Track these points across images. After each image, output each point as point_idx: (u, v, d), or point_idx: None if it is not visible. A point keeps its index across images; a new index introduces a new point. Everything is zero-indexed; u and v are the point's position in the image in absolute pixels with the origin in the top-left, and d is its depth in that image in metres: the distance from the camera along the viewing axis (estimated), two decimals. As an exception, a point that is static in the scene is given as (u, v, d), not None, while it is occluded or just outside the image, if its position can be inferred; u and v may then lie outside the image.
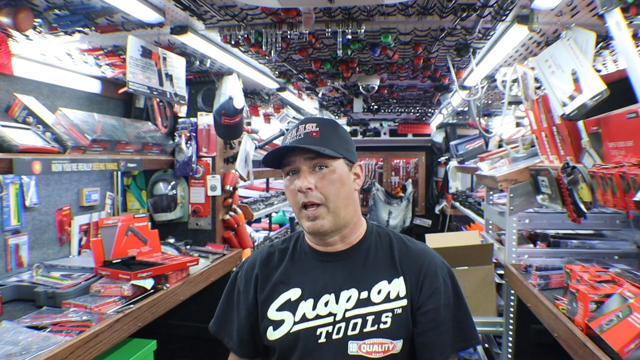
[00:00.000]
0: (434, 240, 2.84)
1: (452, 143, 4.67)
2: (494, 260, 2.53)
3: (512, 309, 2.27)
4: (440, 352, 1.11)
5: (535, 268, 1.91)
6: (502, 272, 2.44)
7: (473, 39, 1.99)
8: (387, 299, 1.11)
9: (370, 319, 1.09)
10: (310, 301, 1.13)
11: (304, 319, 1.12)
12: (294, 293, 1.15)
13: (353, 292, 1.12)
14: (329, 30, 1.81)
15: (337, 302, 1.11)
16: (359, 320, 1.09)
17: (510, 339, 2.29)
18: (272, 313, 1.15)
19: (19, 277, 1.96)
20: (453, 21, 1.75)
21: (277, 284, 1.17)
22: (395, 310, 1.10)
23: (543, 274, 1.87)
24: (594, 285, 1.41)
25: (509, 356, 2.30)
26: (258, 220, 4.44)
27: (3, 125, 1.79)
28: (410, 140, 6.20)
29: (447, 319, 1.12)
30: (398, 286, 1.13)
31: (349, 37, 1.86)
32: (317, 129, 1.13)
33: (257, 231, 4.34)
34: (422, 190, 6.52)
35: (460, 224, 5.21)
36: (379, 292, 1.12)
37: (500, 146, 3.59)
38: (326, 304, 1.12)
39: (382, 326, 1.09)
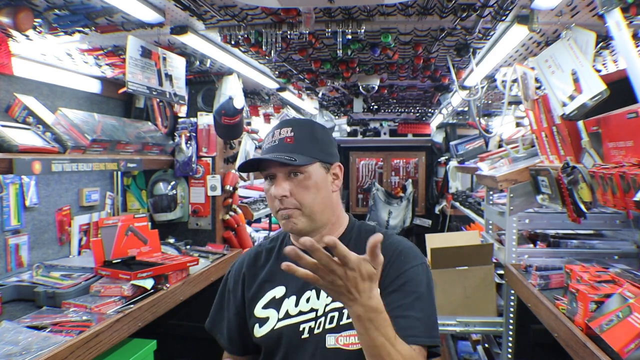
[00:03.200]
0: (434, 240, 2.84)
1: (452, 143, 4.66)
2: (494, 260, 2.53)
3: (512, 309, 2.27)
4: (411, 335, 1.01)
5: (535, 268, 1.91)
6: (502, 272, 2.44)
7: (473, 39, 1.99)
8: None
9: (346, 311, 1.09)
10: (293, 298, 1.15)
11: (287, 315, 1.15)
12: (278, 291, 1.18)
13: None
14: (329, 30, 1.81)
15: (317, 298, 1.14)
16: (336, 314, 1.11)
17: (510, 339, 2.29)
18: (258, 311, 1.18)
19: (19, 277, 1.96)
20: (453, 21, 1.75)
21: (263, 283, 1.21)
22: None
23: (543, 274, 1.87)
24: (594, 285, 1.41)
25: (509, 356, 2.30)
26: (258, 220, 4.44)
27: (3, 125, 1.80)
28: (410, 140, 6.20)
29: (416, 308, 1.06)
30: None
31: (349, 37, 1.86)
32: (292, 134, 1.12)
33: (257, 231, 4.34)
34: (422, 190, 6.52)
35: (460, 224, 5.21)
36: None
37: (500, 146, 3.59)
38: (308, 300, 1.14)
39: None
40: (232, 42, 1.97)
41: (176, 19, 1.76)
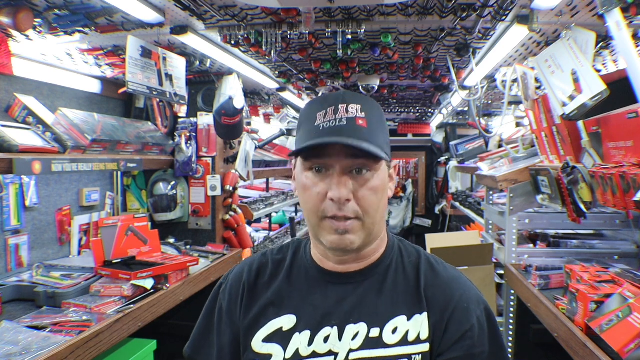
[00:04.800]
0: (434, 240, 2.84)
1: (452, 143, 4.67)
2: (494, 260, 2.53)
3: (512, 309, 2.27)
4: None
5: (535, 268, 1.91)
6: (502, 272, 2.44)
7: (473, 39, 1.99)
8: (404, 341, 0.85)
9: None
10: (307, 333, 0.88)
11: (296, 356, 0.87)
12: (287, 321, 0.90)
13: (361, 327, 0.87)
14: (329, 30, 1.81)
15: (340, 339, 0.87)
16: None
17: (510, 339, 2.29)
18: (257, 344, 0.90)
19: (19, 277, 1.96)
20: (453, 21, 1.75)
21: (267, 306, 0.92)
22: (414, 357, 0.85)
23: (543, 274, 1.87)
24: (594, 285, 1.41)
25: (509, 356, 2.30)
26: (258, 220, 4.44)
27: (3, 125, 1.80)
28: (410, 140, 6.20)
29: None
30: (420, 325, 0.87)
31: (349, 37, 1.86)
32: (364, 114, 0.84)
33: (257, 231, 4.34)
34: (422, 190, 6.52)
35: (460, 224, 5.21)
36: (394, 331, 0.86)
37: (500, 146, 3.60)
38: (326, 340, 0.87)
39: None
40: (232, 42, 1.97)
41: (176, 19, 1.76)
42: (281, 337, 0.89)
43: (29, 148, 1.78)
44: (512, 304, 2.27)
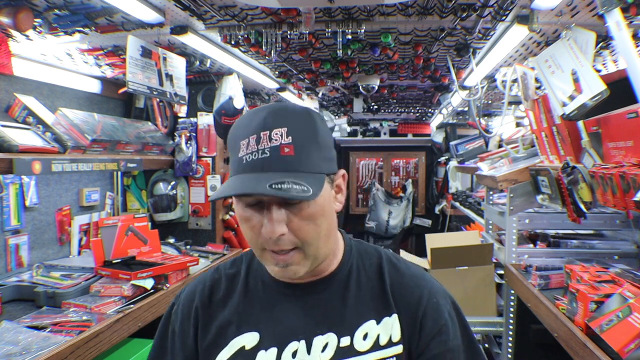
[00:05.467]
0: (434, 240, 2.84)
1: (452, 143, 4.66)
2: (494, 260, 2.53)
3: (512, 309, 2.27)
4: None
5: (535, 268, 1.91)
6: (502, 272, 2.44)
7: (473, 39, 1.99)
8: (376, 346, 0.83)
9: None
10: (273, 351, 0.83)
11: None
12: (249, 339, 0.85)
13: (330, 337, 0.83)
14: (329, 30, 1.81)
15: (308, 352, 0.83)
16: None
17: (510, 339, 2.29)
18: None
19: (19, 277, 1.96)
20: (453, 21, 1.75)
21: (226, 326, 0.86)
22: None
23: (543, 274, 1.87)
24: (594, 285, 1.41)
25: (509, 356, 2.30)
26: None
27: (3, 125, 1.80)
28: (410, 140, 6.20)
29: None
30: (390, 327, 0.85)
31: (349, 37, 1.86)
32: (290, 139, 0.75)
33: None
34: (422, 190, 6.52)
35: (460, 224, 5.21)
36: (365, 337, 0.84)
37: (500, 146, 3.59)
38: (294, 355, 0.83)
39: None
40: (232, 42, 1.97)
41: (176, 19, 1.76)
42: (245, 357, 0.84)
43: (29, 148, 1.78)
44: (512, 304, 2.27)
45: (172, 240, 2.67)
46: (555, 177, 1.74)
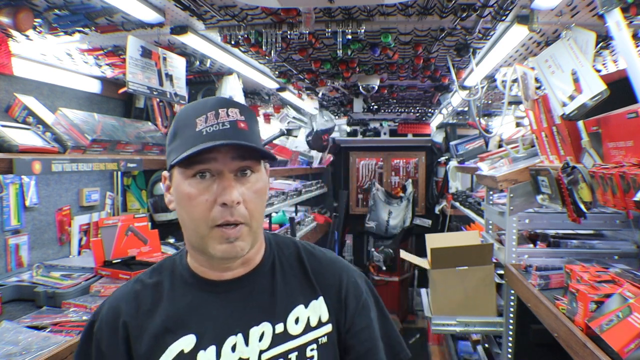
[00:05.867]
0: (434, 240, 2.84)
1: (452, 143, 4.66)
2: (494, 260, 2.53)
3: (512, 309, 2.27)
4: None
5: (535, 268, 1.91)
6: (502, 272, 2.44)
7: (473, 39, 1.99)
8: (307, 328, 0.90)
9: (293, 356, 0.87)
10: (212, 349, 0.85)
11: None
12: (187, 342, 0.85)
13: (266, 327, 0.88)
14: (329, 30, 1.81)
15: (247, 344, 0.86)
16: None
17: (510, 339, 2.29)
18: None
19: (19, 277, 1.96)
20: (453, 21, 1.75)
21: (160, 334, 0.86)
22: (320, 339, 0.90)
23: (543, 274, 1.87)
24: (594, 285, 1.41)
25: (509, 356, 2.30)
26: (258, 220, 4.43)
27: (3, 125, 1.79)
28: (410, 140, 6.20)
29: (377, 335, 0.96)
30: (318, 309, 0.92)
31: (349, 37, 1.86)
32: (243, 117, 0.85)
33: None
34: (422, 190, 6.52)
35: (460, 224, 5.21)
36: (296, 321, 0.90)
37: (500, 146, 3.59)
38: (233, 349, 0.85)
39: None
40: (232, 42, 1.97)
41: (176, 19, 1.76)
42: None
43: (29, 148, 1.77)
44: (512, 304, 2.27)
45: (172, 240, 2.66)
46: (555, 177, 1.74)
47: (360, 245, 6.47)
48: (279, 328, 0.89)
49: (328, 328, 0.92)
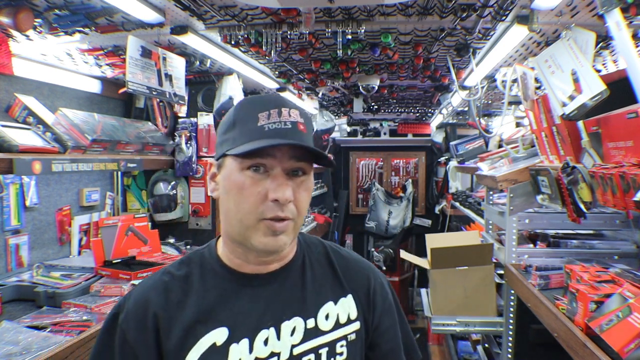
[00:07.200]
0: (434, 240, 2.84)
1: (452, 143, 4.66)
2: (494, 260, 2.53)
3: (512, 309, 2.27)
4: None
5: (535, 268, 1.91)
6: (502, 272, 2.44)
7: (473, 39, 1.99)
8: (337, 325, 0.92)
9: (323, 352, 0.89)
10: (245, 342, 0.85)
11: None
12: (219, 334, 0.85)
13: (297, 321, 0.90)
14: (329, 30, 1.81)
15: (279, 338, 0.87)
16: (312, 357, 0.88)
17: (510, 339, 2.29)
18: None
19: (19, 277, 1.97)
20: (453, 21, 1.75)
21: (192, 326, 0.86)
22: (349, 336, 0.93)
23: (543, 274, 1.87)
24: (594, 285, 1.41)
25: (509, 356, 2.30)
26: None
27: (3, 125, 1.80)
28: (410, 140, 6.20)
29: (400, 335, 1.02)
30: (347, 307, 0.95)
31: (349, 37, 1.86)
32: (303, 120, 0.88)
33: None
34: (422, 190, 6.52)
35: (460, 224, 5.21)
36: (327, 317, 0.92)
37: (500, 146, 3.59)
38: (266, 343, 0.86)
39: (338, 359, 0.91)
40: (232, 42, 1.97)
41: (176, 19, 1.76)
42: (217, 353, 0.85)
43: (29, 148, 1.78)
44: (512, 304, 2.27)
45: (172, 240, 2.67)
46: (555, 177, 1.74)
47: (360, 245, 6.46)
48: (310, 323, 0.90)
49: (356, 325, 0.94)
